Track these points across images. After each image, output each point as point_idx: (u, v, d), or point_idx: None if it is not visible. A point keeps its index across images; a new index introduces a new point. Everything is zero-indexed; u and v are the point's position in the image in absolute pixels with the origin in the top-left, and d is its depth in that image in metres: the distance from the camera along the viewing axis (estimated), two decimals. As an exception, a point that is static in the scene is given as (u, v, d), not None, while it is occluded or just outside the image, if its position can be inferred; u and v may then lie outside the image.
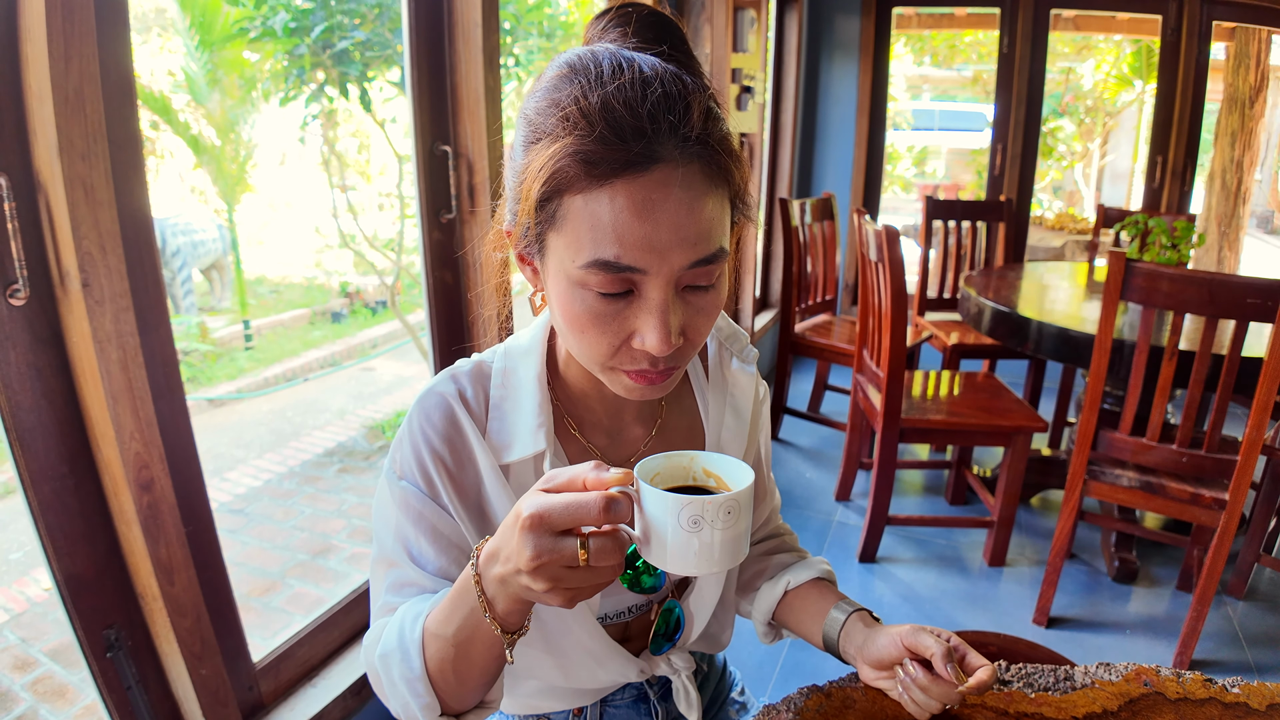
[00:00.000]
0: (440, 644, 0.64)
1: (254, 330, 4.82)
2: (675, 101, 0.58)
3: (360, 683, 1.42)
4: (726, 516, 0.56)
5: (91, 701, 2.08)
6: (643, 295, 0.60)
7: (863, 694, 0.79)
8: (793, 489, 2.96)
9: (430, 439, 0.72)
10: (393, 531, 0.73)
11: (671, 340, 0.60)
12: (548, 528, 0.53)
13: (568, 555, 0.53)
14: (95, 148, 0.90)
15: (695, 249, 0.59)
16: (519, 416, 0.74)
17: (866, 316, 2.51)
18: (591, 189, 0.57)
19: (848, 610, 0.82)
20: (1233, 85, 5.83)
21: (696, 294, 0.63)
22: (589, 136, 0.56)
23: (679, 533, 0.56)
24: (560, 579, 0.54)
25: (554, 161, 0.57)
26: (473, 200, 1.68)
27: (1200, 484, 1.96)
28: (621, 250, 0.57)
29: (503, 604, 0.59)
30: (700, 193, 0.59)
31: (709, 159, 0.59)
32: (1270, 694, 0.82)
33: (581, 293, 0.61)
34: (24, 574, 2.56)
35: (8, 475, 3.07)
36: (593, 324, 0.61)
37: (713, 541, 0.56)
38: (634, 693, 0.89)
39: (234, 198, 4.59)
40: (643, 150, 0.56)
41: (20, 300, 0.91)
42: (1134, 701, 0.80)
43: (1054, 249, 5.76)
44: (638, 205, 0.57)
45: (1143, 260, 1.90)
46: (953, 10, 5.65)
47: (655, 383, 0.65)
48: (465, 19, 1.60)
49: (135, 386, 0.99)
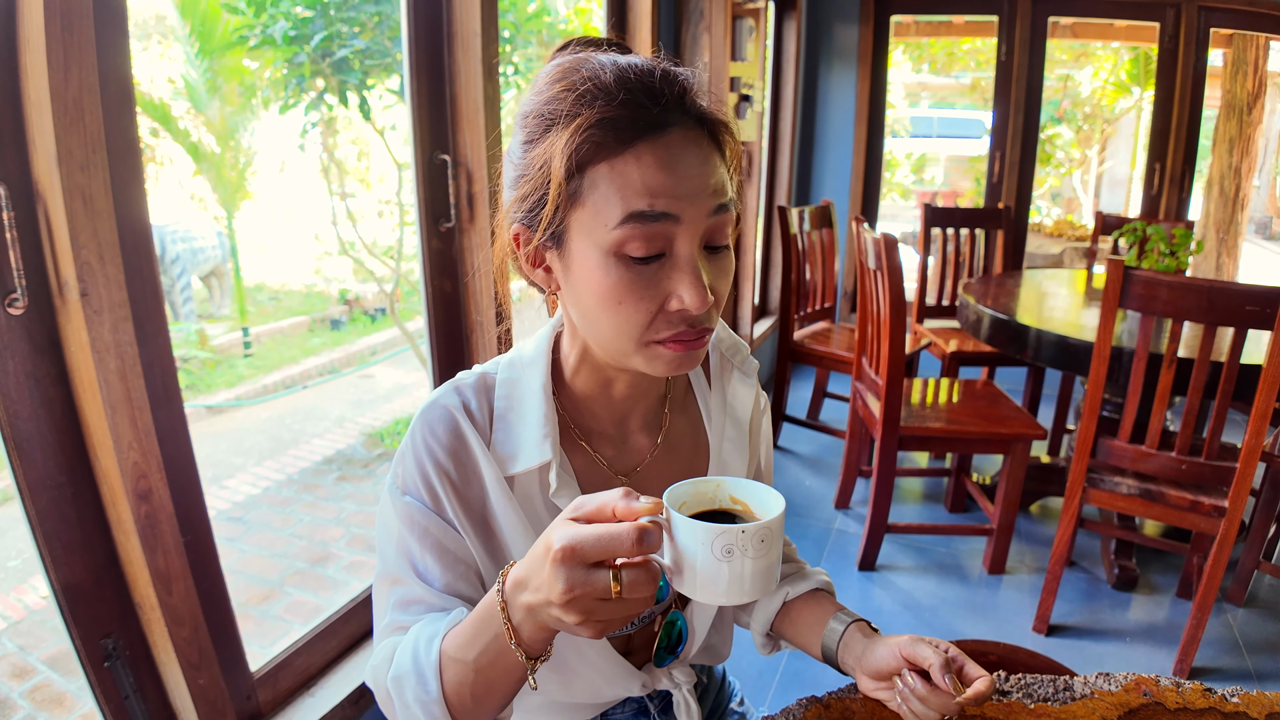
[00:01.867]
0: (459, 668, 0.63)
1: (253, 337, 4.82)
2: (677, 77, 0.65)
3: (358, 692, 1.41)
4: (760, 545, 0.55)
5: (89, 710, 2.07)
6: (674, 254, 0.63)
7: (861, 705, 0.79)
8: (792, 497, 2.96)
9: (434, 452, 0.71)
10: (396, 547, 0.73)
11: (707, 295, 0.63)
12: (580, 560, 0.53)
13: (600, 588, 0.53)
14: (94, 158, 0.90)
15: (715, 196, 0.64)
16: (524, 428, 0.73)
17: (865, 324, 2.51)
18: (617, 154, 0.61)
19: (846, 621, 0.82)
20: (1230, 92, 5.85)
21: (715, 255, 0.66)
22: (613, 103, 0.61)
23: (710, 561, 0.55)
24: (592, 611, 0.54)
25: (579, 134, 0.61)
26: (471, 209, 1.68)
27: (1200, 491, 1.96)
28: (654, 199, 0.61)
29: (529, 631, 0.58)
30: (708, 148, 0.65)
31: (711, 128, 0.66)
32: (1270, 703, 0.82)
33: (614, 263, 0.63)
34: (22, 581, 2.55)
35: (6, 483, 3.07)
36: (629, 293, 0.63)
37: (744, 571, 0.55)
38: (634, 706, 0.88)
39: (234, 205, 4.59)
40: (660, 114, 0.62)
41: (19, 310, 0.91)
42: (1134, 712, 0.80)
43: (1052, 256, 5.77)
44: (662, 161, 0.61)
45: (1141, 268, 1.90)
46: (951, 18, 5.67)
47: (694, 348, 0.67)
48: (464, 29, 1.61)
49: (133, 396, 0.99)
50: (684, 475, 0.82)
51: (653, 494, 0.77)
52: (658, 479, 0.80)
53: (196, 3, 3.60)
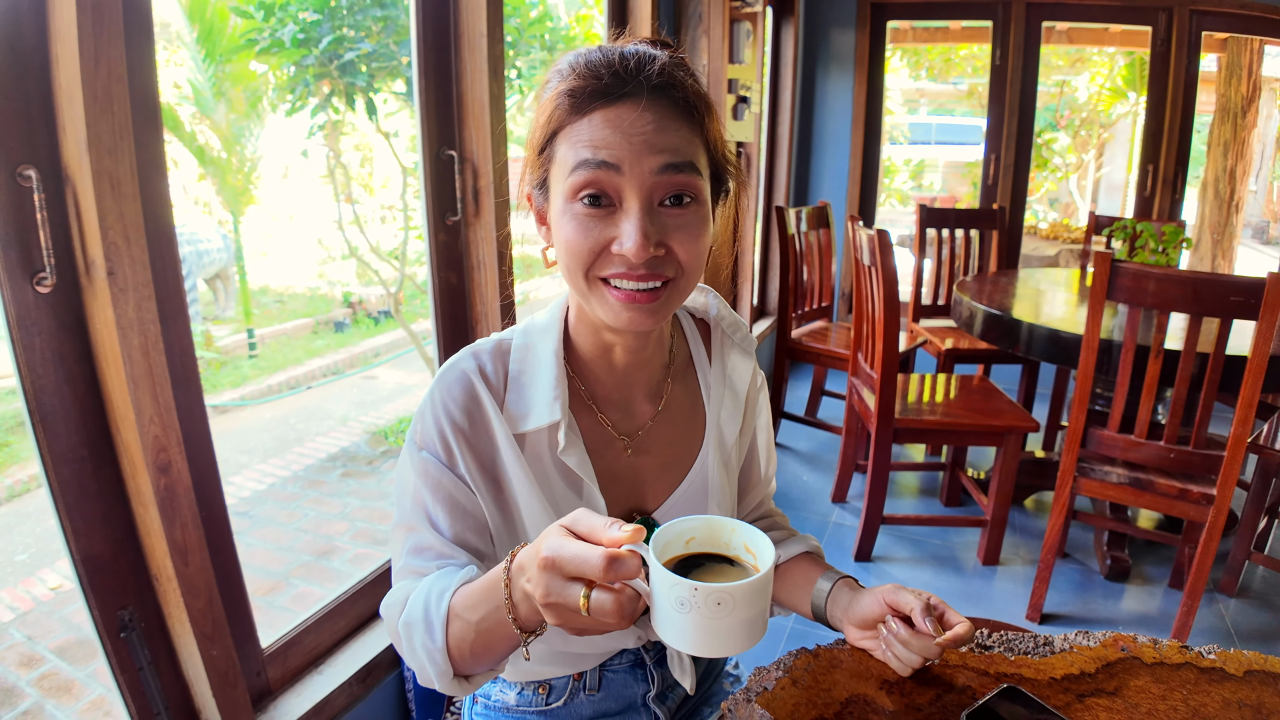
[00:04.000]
0: (463, 625, 0.69)
1: (258, 339, 4.86)
2: (645, 56, 0.71)
3: (366, 670, 1.45)
4: (715, 608, 0.54)
5: (97, 696, 2.11)
6: (622, 205, 0.69)
7: (849, 655, 0.83)
8: (790, 491, 3.00)
9: (450, 411, 0.77)
10: (412, 498, 0.78)
11: (648, 247, 0.68)
12: (558, 571, 0.57)
13: (572, 602, 0.56)
14: (122, 143, 0.95)
15: (664, 155, 0.68)
16: (536, 390, 0.79)
17: (861, 321, 2.56)
18: (576, 120, 0.70)
19: (834, 578, 0.86)
20: (1225, 96, 5.90)
21: (675, 211, 0.70)
22: (571, 77, 0.70)
23: (668, 608, 0.55)
24: (567, 620, 0.58)
25: (550, 106, 0.70)
26: (477, 203, 1.73)
27: (1188, 480, 2.00)
28: (595, 150, 0.68)
29: (524, 611, 0.63)
30: (668, 117, 0.69)
31: (676, 99, 0.70)
32: (1246, 661, 0.85)
33: (572, 208, 0.70)
34: (30, 574, 2.59)
35: (13, 479, 3.11)
36: (579, 230, 0.70)
37: (698, 627, 0.55)
38: (631, 658, 0.93)
39: (239, 208, 4.65)
40: (613, 83, 0.69)
41: (46, 288, 0.95)
42: (1110, 665, 0.84)
43: (1048, 257, 5.83)
44: (611, 121, 0.68)
45: (1130, 262, 1.95)
46: (947, 24, 5.73)
47: (640, 302, 0.71)
48: (471, 30, 1.66)
49: (155, 372, 1.03)
50: (682, 440, 0.87)
51: (648, 462, 0.82)
52: (657, 442, 0.85)
53: (203, 8, 3.66)
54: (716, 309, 0.92)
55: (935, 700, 0.76)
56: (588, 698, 0.92)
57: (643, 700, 0.94)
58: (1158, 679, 0.82)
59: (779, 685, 0.77)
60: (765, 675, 0.79)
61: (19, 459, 3.12)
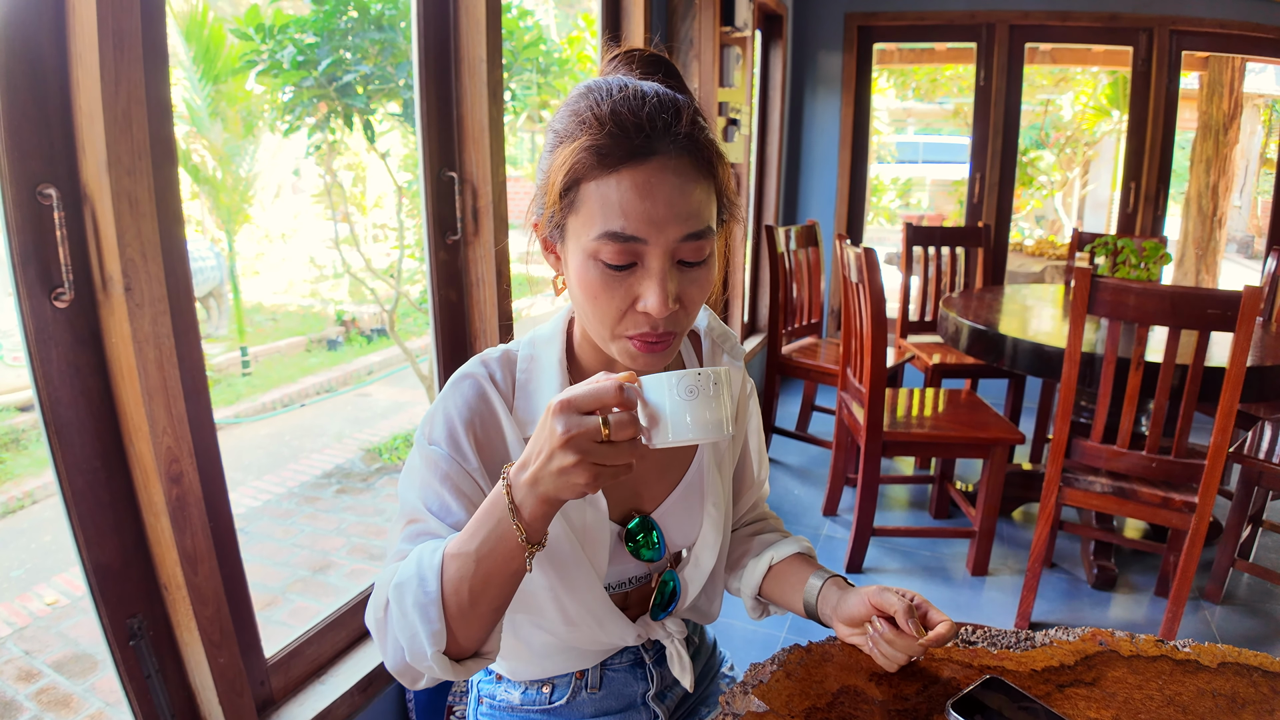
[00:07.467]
0: (461, 561, 0.70)
1: (251, 357, 4.88)
2: (667, 108, 0.71)
3: (367, 679, 1.47)
4: (715, 387, 0.66)
5: (95, 710, 2.11)
6: (645, 265, 0.72)
7: (840, 649, 0.87)
8: (781, 505, 3.03)
9: (461, 410, 0.81)
10: (418, 490, 0.80)
11: (669, 304, 0.71)
12: (575, 408, 0.63)
13: (592, 429, 0.62)
14: (140, 164, 0.99)
15: (687, 224, 0.71)
16: (542, 397, 0.83)
17: (849, 337, 2.61)
18: (602, 176, 0.70)
19: (824, 577, 0.91)
20: (1207, 113, 6.03)
21: (689, 268, 0.74)
22: (600, 133, 0.70)
23: (678, 403, 0.66)
24: (588, 452, 0.62)
25: (573, 156, 0.71)
26: (476, 223, 1.78)
27: (1170, 488, 2.04)
28: (626, 223, 0.70)
29: (530, 508, 0.66)
30: (690, 179, 0.71)
31: (697, 154, 0.72)
32: (1221, 654, 0.89)
33: (594, 263, 0.72)
34: (26, 590, 2.60)
35: (8, 495, 3.11)
36: (604, 289, 0.72)
37: (704, 407, 0.66)
38: (631, 657, 0.96)
39: (233, 226, 4.68)
40: (643, 144, 0.70)
41: (64, 303, 0.98)
42: (1089, 657, 0.88)
43: (1034, 274, 5.92)
44: (639, 187, 0.70)
45: (1111, 277, 2.01)
46: (932, 45, 5.85)
47: (655, 350, 0.75)
48: (470, 55, 1.72)
49: (169, 385, 1.07)
50: None
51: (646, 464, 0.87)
52: None
53: (200, 28, 3.72)
54: (706, 321, 0.96)
55: (922, 691, 0.80)
56: (589, 696, 0.96)
57: (642, 699, 0.98)
58: (1134, 670, 0.86)
59: (774, 678, 0.81)
60: (761, 669, 0.83)
61: (13, 475, 3.12)
